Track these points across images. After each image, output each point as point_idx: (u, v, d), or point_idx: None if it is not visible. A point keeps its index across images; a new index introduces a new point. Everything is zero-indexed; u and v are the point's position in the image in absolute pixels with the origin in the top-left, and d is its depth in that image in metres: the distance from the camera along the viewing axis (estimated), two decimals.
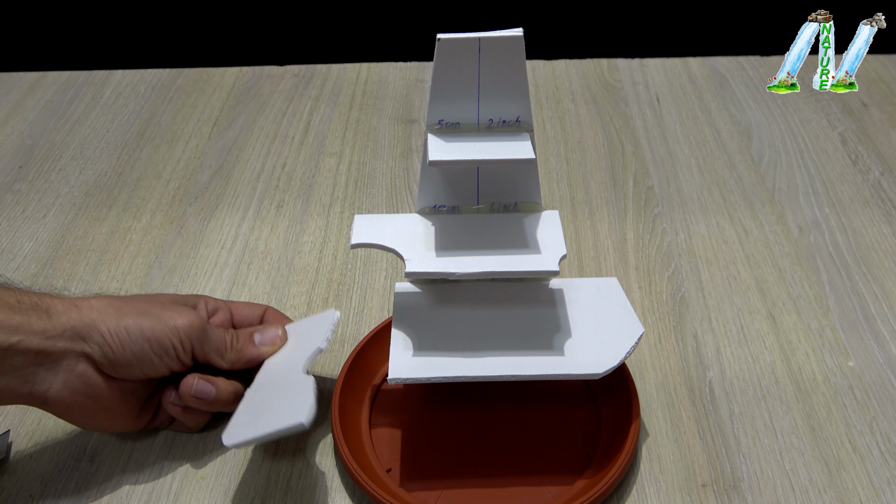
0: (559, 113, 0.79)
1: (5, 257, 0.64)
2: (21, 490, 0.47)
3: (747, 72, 0.85)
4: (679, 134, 0.76)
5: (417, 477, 0.46)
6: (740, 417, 0.49)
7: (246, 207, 0.68)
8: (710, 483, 0.46)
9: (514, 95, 0.43)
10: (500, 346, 0.45)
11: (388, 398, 0.51)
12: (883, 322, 0.56)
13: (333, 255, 0.63)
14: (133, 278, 0.61)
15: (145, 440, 0.49)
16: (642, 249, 0.62)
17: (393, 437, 0.49)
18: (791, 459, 0.47)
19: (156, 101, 0.84)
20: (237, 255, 0.63)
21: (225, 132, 0.79)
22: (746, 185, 0.69)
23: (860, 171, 0.70)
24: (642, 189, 0.69)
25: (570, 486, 0.45)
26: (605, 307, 0.47)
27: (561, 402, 0.50)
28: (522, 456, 0.47)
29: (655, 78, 0.84)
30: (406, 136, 0.77)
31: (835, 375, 0.52)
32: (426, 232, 0.46)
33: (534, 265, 0.44)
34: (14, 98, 0.85)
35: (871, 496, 0.45)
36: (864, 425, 0.49)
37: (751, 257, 0.61)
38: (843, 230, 0.64)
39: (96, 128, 0.80)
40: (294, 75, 0.88)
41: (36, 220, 0.68)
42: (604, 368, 0.43)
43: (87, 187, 0.72)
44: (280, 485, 0.47)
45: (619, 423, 0.47)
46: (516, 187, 0.47)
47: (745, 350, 0.54)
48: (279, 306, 0.58)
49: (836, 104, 0.79)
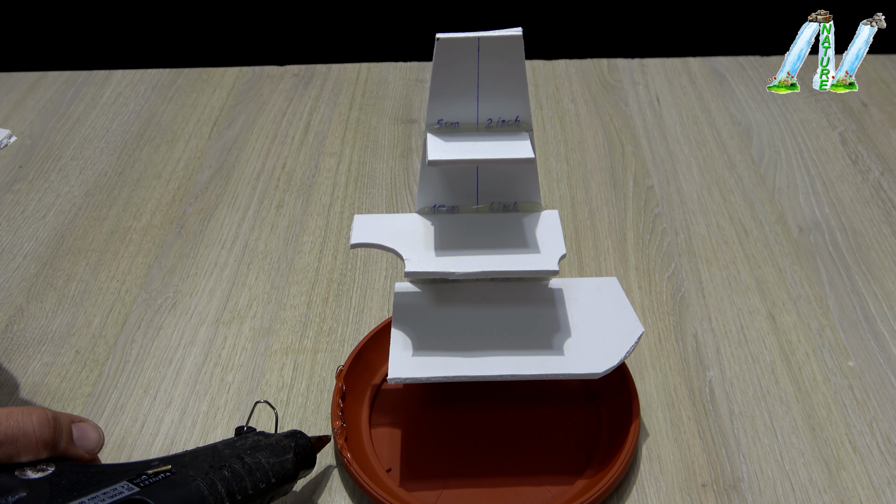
0: (559, 113, 0.79)
1: (5, 257, 0.64)
2: None
3: (747, 72, 0.85)
4: (679, 134, 0.76)
5: (417, 477, 0.46)
6: (740, 417, 0.49)
7: (246, 207, 0.68)
8: (710, 483, 0.46)
9: (514, 95, 0.43)
10: (500, 346, 0.45)
11: (388, 398, 0.51)
12: (883, 322, 0.56)
13: (333, 254, 0.63)
14: (133, 278, 0.61)
15: (145, 439, 0.49)
16: (642, 249, 0.62)
17: (393, 437, 0.49)
18: (791, 459, 0.47)
19: (156, 101, 0.84)
20: (237, 255, 0.63)
21: (225, 132, 0.79)
22: (746, 185, 0.69)
23: (860, 170, 0.70)
24: (642, 189, 0.69)
25: (570, 486, 0.45)
26: (604, 307, 0.47)
27: (561, 401, 0.50)
28: (522, 456, 0.47)
29: (655, 78, 0.84)
30: (406, 136, 0.77)
31: (835, 375, 0.52)
32: (426, 232, 0.46)
33: (533, 265, 0.44)
34: (14, 98, 0.85)
35: (871, 496, 0.45)
36: (864, 425, 0.49)
37: (751, 257, 0.61)
38: (843, 230, 0.64)
39: (96, 128, 0.80)
40: (294, 75, 0.88)
41: (36, 220, 0.68)
42: (603, 368, 0.43)
43: (87, 187, 0.72)
44: None
45: (619, 422, 0.47)
46: (516, 187, 0.47)
47: (745, 350, 0.54)
48: (279, 306, 0.58)
49: (836, 104, 0.79)
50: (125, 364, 0.55)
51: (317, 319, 0.57)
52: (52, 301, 0.60)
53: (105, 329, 0.57)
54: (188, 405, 0.52)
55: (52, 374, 0.54)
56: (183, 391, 0.53)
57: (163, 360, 0.55)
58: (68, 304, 0.59)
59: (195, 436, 0.50)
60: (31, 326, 0.58)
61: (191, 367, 0.54)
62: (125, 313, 0.58)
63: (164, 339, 0.56)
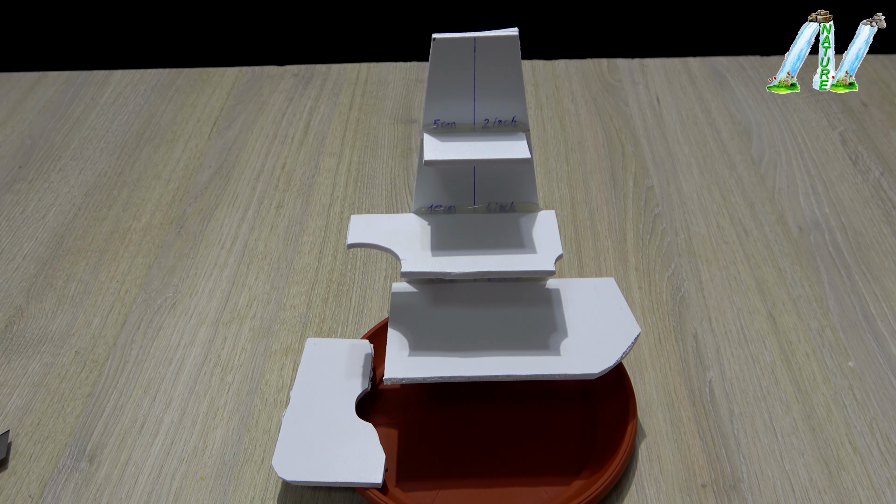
0: (559, 113, 0.79)
1: (5, 257, 0.64)
2: (20, 490, 0.47)
3: (747, 72, 0.85)
4: (679, 134, 0.76)
5: (414, 477, 0.46)
6: (740, 418, 0.49)
7: (246, 207, 0.68)
8: (709, 483, 0.46)
9: (510, 95, 0.43)
10: (497, 347, 0.45)
11: (385, 398, 0.51)
12: (883, 322, 0.55)
13: (333, 255, 0.63)
14: (133, 278, 0.61)
15: (144, 440, 0.49)
16: (642, 249, 0.62)
17: (390, 437, 0.49)
18: (791, 460, 0.47)
19: (155, 101, 0.84)
20: (237, 255, 0.63)
21: (224, 132, 0.78)
22: (746, 185, 0.69)
23: (860, 171, 0.70)
24: (642, 189, 0.69)
25: (567, 486, 0.45)
26: (602, 307, 0.47)
27: (558, 402, 0.50)
28: (519, 456, 0.47)
29: (655, 78, 0.84)
30: (406, 136, 0.77)
31: (835, 376, 0.52)
32: (422, 232, 0.46)
33: (530, 265, 0.44)
34: (14, 98, 0.85)
35: (871, 497, 0.45)
36: (865, 426, 0.49)
37: (751, 257, 0.61)
38: (844, 230, 0.64)
39: (96, 128, 0.80)
40: (294, 75, 0.88)
41: (36, 220, 0.68)
42: (600, 369, 0.43)
43: (87, 187, 0.72)
44: (278, 485, 0.46)
45: (616, 423, 0.47)
46: (513, 187, 0.47)
47: (745, 350, 0.54)
48: (278, 307, 0.58)
49: (836, 104, 0.79)
50: (125, 364, 0.54)
51: (316, 320, 0.57)
52: (52, 301, 0.60)
53: (105, 329, 0.57)
54: (188, 405, 0.51)
55: (52, 374, 0.54)
56: (182, 391, 0.52)
57: (162, 361, 0.55)
58: (68, 304, 0.59)
59: (195, 436, 0.49)
60: (30, 327, 0.58)
61: (190, 368, 0.54)
62: (125, 313, 0.58)
63: (163, 340, 0.56)
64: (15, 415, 0.51)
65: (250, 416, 0.51)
